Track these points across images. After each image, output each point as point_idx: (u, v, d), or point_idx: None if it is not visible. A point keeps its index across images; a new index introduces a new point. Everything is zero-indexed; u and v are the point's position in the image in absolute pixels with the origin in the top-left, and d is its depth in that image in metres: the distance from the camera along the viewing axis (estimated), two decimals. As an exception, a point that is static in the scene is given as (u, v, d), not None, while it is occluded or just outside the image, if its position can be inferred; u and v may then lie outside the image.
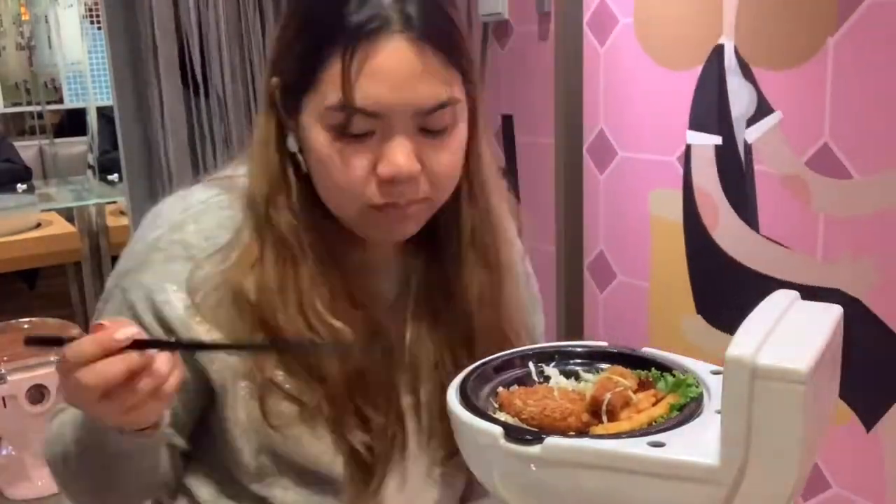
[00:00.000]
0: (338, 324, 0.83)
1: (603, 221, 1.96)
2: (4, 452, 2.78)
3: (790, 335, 0.59)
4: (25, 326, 2.88)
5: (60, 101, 5.85)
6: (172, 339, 0.79)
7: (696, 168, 1.67)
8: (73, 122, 5.58)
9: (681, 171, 1.70)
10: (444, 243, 0.90)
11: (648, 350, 0.79)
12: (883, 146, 1.34)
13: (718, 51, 1.58)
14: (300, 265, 0.83)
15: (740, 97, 1.55)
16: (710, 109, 1.62)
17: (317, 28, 0.78)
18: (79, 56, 5.17)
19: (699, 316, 1.71)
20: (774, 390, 0.55)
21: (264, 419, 0.83)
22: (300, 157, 0.83)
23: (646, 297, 1.85)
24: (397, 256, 0.92)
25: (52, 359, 2.64)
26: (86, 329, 0.83)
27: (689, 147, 1.68)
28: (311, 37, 0.78)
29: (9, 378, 2.57)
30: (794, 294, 0.67)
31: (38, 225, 3.85)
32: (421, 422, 0.91)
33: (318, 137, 0.79)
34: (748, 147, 1.56)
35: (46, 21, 5.49)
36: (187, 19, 2.01)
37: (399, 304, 0.92)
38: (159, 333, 0.82)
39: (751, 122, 1.55)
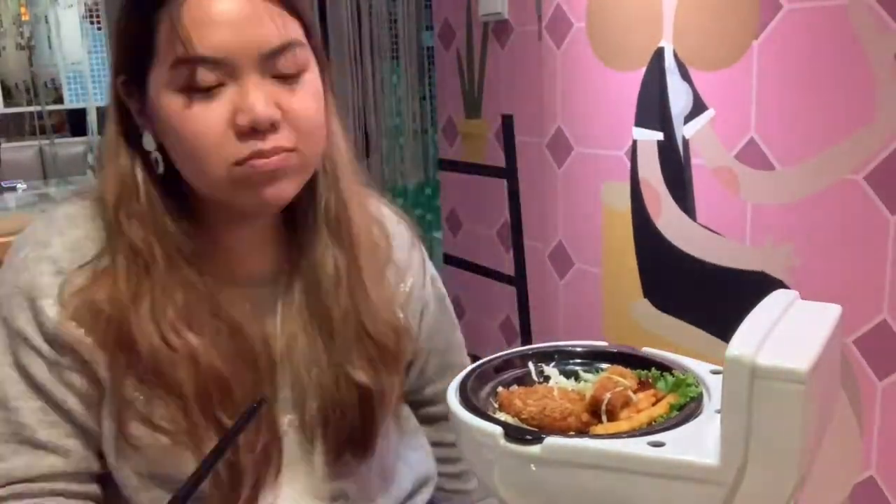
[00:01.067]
0: (191, 336, 0.79)
1: (561, 212, 2.06)
2: None
3: (790, 335, 0.59)
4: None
5: (61, 101, 5.85)
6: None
7: (642, 162, 1.78)
8: (75, 123, 5.59)
9: (628, 164, 1.81)
10: (303, 222, 0.88)
11: (648, 350, 0.79)
12: (802, 140, 1.44)
13: (659, 53, 1.69)
14: (152, 273, 0.80)
15: (678, 96, 1.66)
16: (652, 107, 1.73)
17: (141, 2, 0.77)
18: (79, 56, 5.17)
19: (646, 300, 1.83)
20: (774, 390, 0.55)
21: (126, 441, 0.81)
22: (157, 155, 0.80)
23: (599, 283, 1.96)
24: (265, 246, 0.89)
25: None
26: None
27: (635, 142, 1.79)
28: (138, 13, 0.77)
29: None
30: (794, 294, 0.67)
31: (38, 225, 3.85)
32: (305, 432, 0.88)
33: (169, 104, 0.76)
34: (686, 142, 1.66)
35: (46, 21, 5.50)
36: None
37: (271, 292, 0.89)
38: (52, 355, 0.80)
39: (688, 118, 1.65)
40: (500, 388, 0.74)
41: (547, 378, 0.78)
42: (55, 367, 0.80)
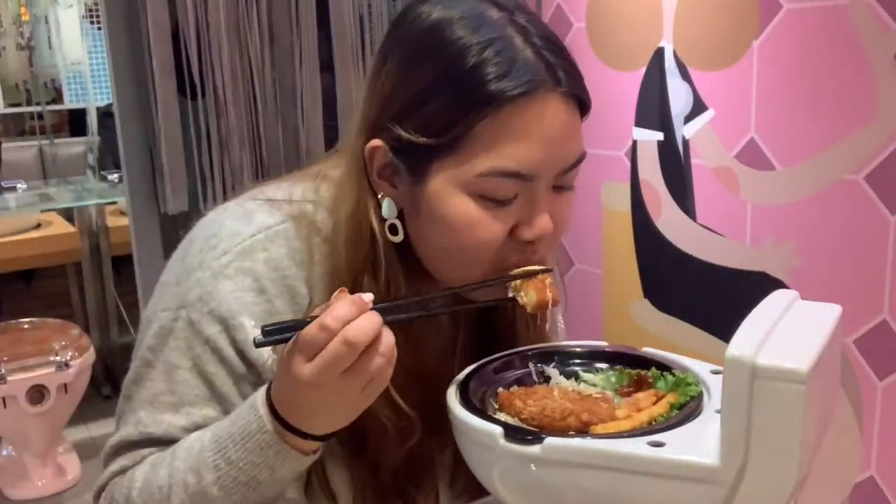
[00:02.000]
0: (398, 399, 0.77)
1: None
2: (5, 453, 2.78)
3: (790, 335, 0.59)
4: (25, 327, 2.88)
5: (61, 101, 5.85)
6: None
7: (642, 162, 1.79)
8: (75, 123, 5.59)
9: (628, 164, 1.81)
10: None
11: (648, 350, 0.79)
12: (802, 140, 1.44)
13: (659, 53, 1.69)
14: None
15: (678, 96, 1.66)
16: (652, 107, 1.73)
17: (452, 90, 0.71)
18: (79, 56, 5.17)
19: (646, 300, 1.83)
20: (774, 390, 0.55)
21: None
22: (398, 224, 0.77)
23: (600, 283, 1.96)
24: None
25: (51, 359, 2.64)
26: (85, 329, 0.80)
27: (635, 142, 1.79)
28: (446, 100, 0.71)
29: (9, 378, 2.57)
30: (794, 294, 0.67)
31: (39, 225, 3.85)
32: (453, 492, 0.87)
33: (458, 204, 0.73)
34: (686, 142, 1.67)
35: (46, 21, 5.49)
36: (185, 20, 2.01)
37: (449, 348, 0.86)
38: (241, 369, 0.78)
39: (688, 118, 1.66)
40: (500, 389, 0.74)
41: (547, 378, 0.78)
42: (241, 382, 0.78)
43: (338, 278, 0.78)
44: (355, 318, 0.63)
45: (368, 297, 0.65)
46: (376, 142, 0.76)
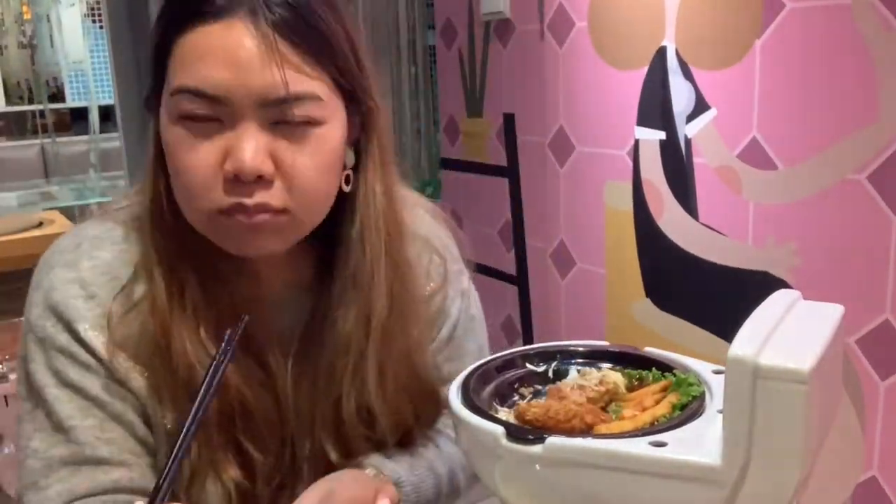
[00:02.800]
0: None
1: (563, 212, 2.06)
2: (6, 451, 2.79)
3: (792, 335, 0.59)
4: (27, 325, 2.89)
5: (63, 99, 5.86)
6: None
7: (644, 161, 1.78)
8: (76, 121, 5.59)
9: (630, 164, 1.81)
10: (333, 280, 0.83)
11: (650, 349, 0.79)
12: (805, 139, 1.44)
13: (661, 52, 1.69)
14: (186, 293, 0.78)
15: (681, 95, 1.66)
16: (654, 107, 1.73)
17: (167, 14, 0.74)
18: (81, 55, 5.17)
19: (648, 299, 1.83)
20: (777, 390, 0.55)
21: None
22: None
23: (602, 283, 1.96)
24: (297, 291, 0.86)
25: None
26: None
27: (637, 142, 1.79)
28: (162, 24, 0.74)
29: (10, 377, 2.57)
30: (796, 294, 0.67)
31: (41, 224, 3.86)
32: (317, 466, 0.85)
33: (169, 128, 0.74)
34: (688, 141, 1.66)
35: (48, 20, 5.50)
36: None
37: (291, 341, 0.85)
38: (100, 370, 0.78)
39: (690, 118, 1.65)
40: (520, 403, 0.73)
41: (558, 375, 0.78)
42: (107, 382, 0.79)
43: (147, 249, 0.79)
44: None
45: None
46: (149, 93, 0.79)
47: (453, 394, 0.71)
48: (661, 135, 1.72)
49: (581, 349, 0.81)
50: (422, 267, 0.91)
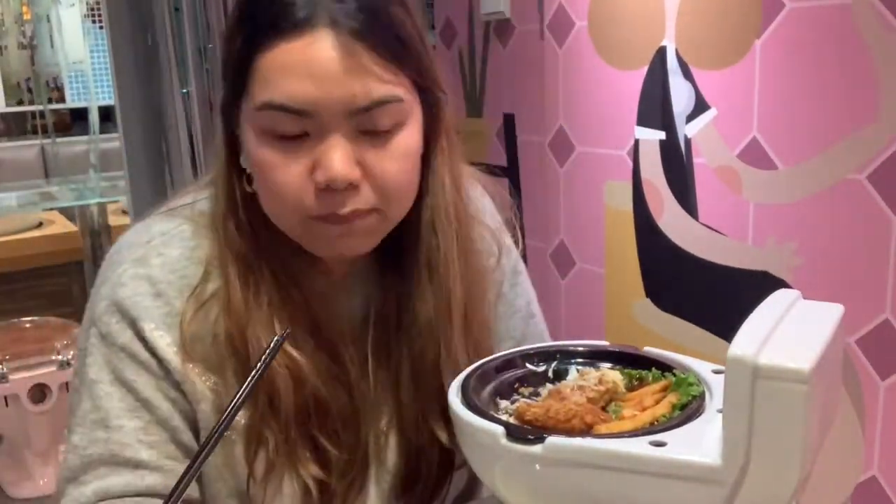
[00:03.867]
0: (296, 354, 0.78)
1: (563, 212, 2.07)
2: (7, 451, 2.79)
3: (792, 334, 0.59)
4: (27, 325, 2.88)
5: (63, 100, 5.86)
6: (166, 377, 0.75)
7: (644, 161, 1.78)
8: (77, 122, 5.59)
9: (630, 164, 1.81)
10: (404, 267, 0.84)
11: (649, 349, 0.79)
12: (805, 139, 1.44)
13: (661, 52, 1.69)
14: (261, 287, 0.79)
15: (681, 95, 1.66)
16: (654, 106, 1.73)
17: (246, 29, 0.74)
18: (80, 55, 5.17)
19: (648, 299, 1.83)
20: (776, 390, 0.55)
21: (225, 463, 0.80)
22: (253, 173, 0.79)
23: (602, 283, 1.96)
24: (363, 278, 0.87)
25: (53, 358, 2.65)
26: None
27: (637, 142, 1.79)
28: (240, 37, 0.74)
29: (10, 377, 2.57)
30: (796, 293, 0.67)
31: (40, 224, 3.86)
32: (382, 459, 0.87)
33: (253, 143, 0.74)
34: (688, 141, 1.67)
35: (48, 20, 5.50)
36: (190, 19, 2.01)
37: (362, 330, 0.86)
38: (158, 371, 0.79)
39: (690, 118, 1.65)
40: (521, 401, 0.73)
41: (558, 375, 0.78)
42: (162, 384, 0.79)
43: (221, 246, 0.80)
44: None
45: None
46: (223, 93, 0.79)
47: (453, 394, 0.71)
48: (661, 135, 1.72)
49: (581, 349, 0.81)
50: (484, 246, 0.91)
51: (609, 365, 0.78)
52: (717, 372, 0.72)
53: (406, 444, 0.86)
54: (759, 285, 1.55)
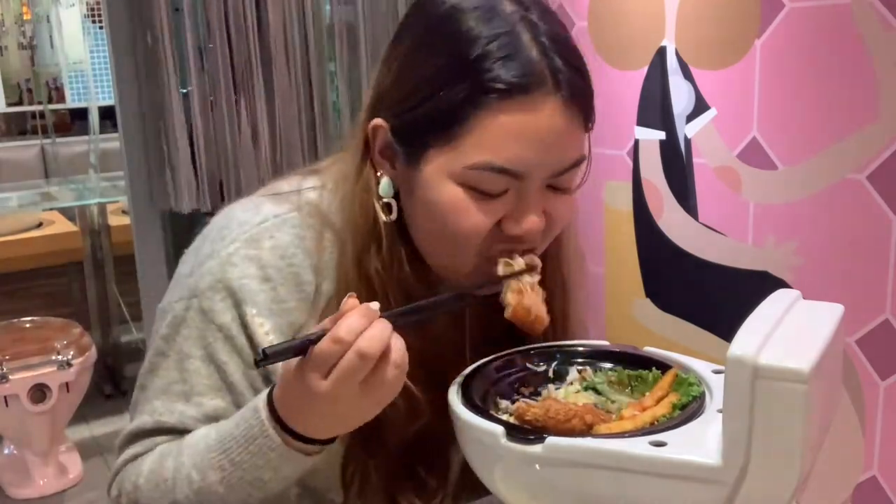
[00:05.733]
0: (412, 387, 0.76)
1: None
2: (6, 452, 2.78)
3: (792, 334, 0.59)
4: (27, 326, 2.88)
5: (62, 100, 5.85)
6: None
7: (644, 161, 1.78)
8: (76, 122, 5.59)
9: (630, 164, 1.81)
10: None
11: (649, 349, 0.79)
12: (805, 139, 1.44)
13: (661, 52, 1.69)
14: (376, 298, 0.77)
15: (680, 95, 1.66)
16: (654, 107, 1.73)
17: (454, 79, 0.71)
18: (80, 55, 5.17)
19: (648, 299, 1.83)
20: (776, 390, 0.55)
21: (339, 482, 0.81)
22: (393, 203, 0.78)
23: (602, 282, 1.95)
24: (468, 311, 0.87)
25: (53, 358, 2.64)
26: (87, 328, 0.82)
27: (637, 142, 1.79)
28: (460, 88, 0.71)
29: (10, 377, 2.57)
30: (796, 293, 0.67)
31: (40, 224, 3.86)
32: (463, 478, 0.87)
33: (446, 191, 0.73)
34: (688, 141, 1.66)
35: (48, 20, 5.49)
36: (190, 19, 2.01)
37: (457, 343, 0.86)
38: (248, 350, 0.79)
39: (690, 118, 1.65)
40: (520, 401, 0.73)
41: (558, 375, 0.78)
42: (251, 372, 0.80)
43: (344, 261, 0.79)
44: (366, 328, 0.63)
45: (375, 305, 0.65)
46: (378, 121, 0.77)
47: (453, 393, 0.71)
48: (661, 135, 1.72)
49: (581, 349, 0.81)
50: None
51: (610, 365, 0.78)
52: (717, 372, 0.72)
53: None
54: (759, 285, 1.55)
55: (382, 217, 0.78)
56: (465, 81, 0.71)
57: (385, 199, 0.78)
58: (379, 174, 0.79)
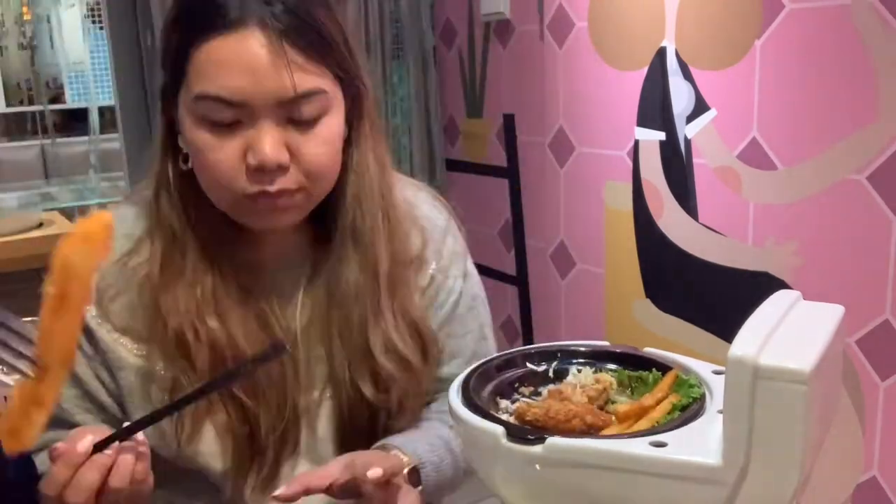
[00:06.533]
0: (213, 322, 0.85)
1: (563, 212, 2.07)
2: (6, 452, 2.79)
3: (792, 335, 0.59)
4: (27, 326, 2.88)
5: (62, 100, 5.86)
6: (125, 427, 0.78)
7: (644, 162, 1.79)
8: (76, 122, 5.59)
9: (630, 164, 1.81)
10: (333, 239, 0.91)
11: (650, 350, 0.79)
12: (805, 139, 1.44)
13: (661, 53, 1.69)
14: (186, 258, 0.87)
15: (680, 96, 1.66)
16: (654, 107, 1.73)
17: (182, 24, 0.82)
18: (80, 56, 5.17)
19: (648, 300, 1.83)
20: (777, 390, 0.55)
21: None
22: (188, 152, 0.86)
23: (601, 283, 1.96)
24: (294, 252, 0.93)
25: (53, 358, 2.64)
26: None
27: (637, 142, 1.79)
28: (178, 31, 0.82)
29: (8, 381, 2.57)
30: (796, 294, 0.67)
31: (40, 224, 3.86)
32: (314, 427, 0.92)
33: (191, 129, 0.82)
34: (688, 142, 1.67)
35: (48, 21, 5.50)
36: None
37: (294, 299, 0.93)
38: (86, 345, 0.87)
39: (690, 118, 1.65)
40: (521, 401, 0.73)
41: (558, 375, 0.77)
42: (92, 362, 0.89)
43: (152, 219, 0.88)
44: (70, 478, 0.71)
45: (83, 446, 0.72)
46: (163, 79, 0.86)
47: (453, 394, 0.71)
48: (661, 135, 1.72)
49: (581, 349, 0.81)
50: (412, 237, 0.97)
51: (609, 365, 0.78)
52: (717, 372, 0.72)
53: (339, 412, 0.91)
54: (759, 286, 1.55)
55: (181, 166, 0.86)
56: (182, 23, 0.82)
57: (185, 150, 0.86)
58: (179, 131, 0.86)
